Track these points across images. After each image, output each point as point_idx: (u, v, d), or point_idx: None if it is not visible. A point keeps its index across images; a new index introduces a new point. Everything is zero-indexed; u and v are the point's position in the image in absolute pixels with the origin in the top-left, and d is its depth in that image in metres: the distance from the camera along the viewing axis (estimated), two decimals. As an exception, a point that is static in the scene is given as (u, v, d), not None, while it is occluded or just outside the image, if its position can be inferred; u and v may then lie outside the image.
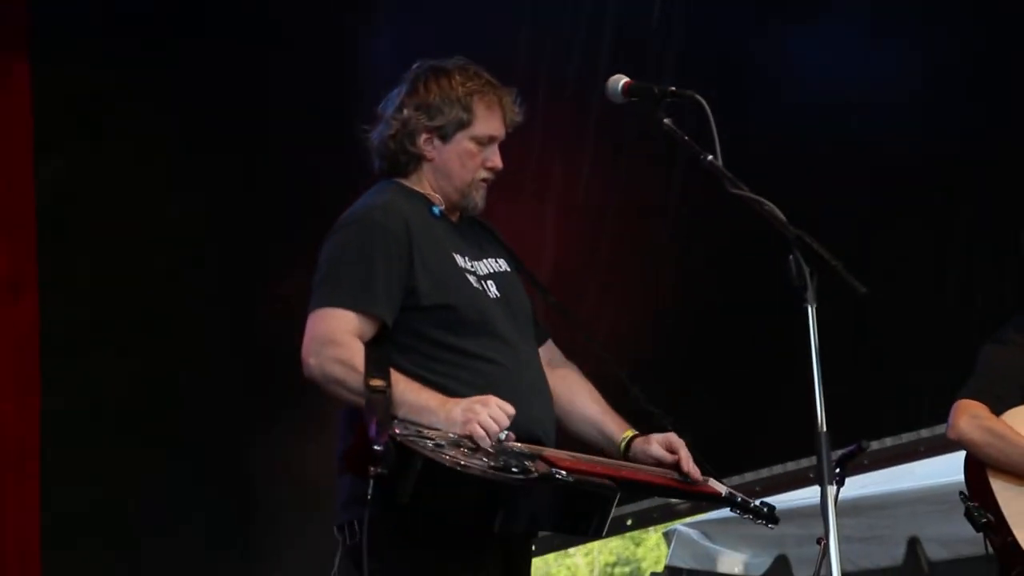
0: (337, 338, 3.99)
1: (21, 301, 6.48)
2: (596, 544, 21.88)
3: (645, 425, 4.41)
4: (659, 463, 4.28)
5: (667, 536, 9.23)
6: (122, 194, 6.72)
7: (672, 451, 4.26)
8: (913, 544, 8.19)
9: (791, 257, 3.69)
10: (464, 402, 3.94)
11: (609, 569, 24.39)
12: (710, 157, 3.94)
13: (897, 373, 6.88)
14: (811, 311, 3.66)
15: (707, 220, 6.79)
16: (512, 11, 7.04)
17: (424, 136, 4.24)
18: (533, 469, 3.88)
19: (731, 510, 4.42)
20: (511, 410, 3.93)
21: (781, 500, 8.01)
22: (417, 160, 4.26)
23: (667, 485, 4.28)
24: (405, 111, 4.24)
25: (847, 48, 6.80)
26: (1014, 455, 5.09)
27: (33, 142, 6.54)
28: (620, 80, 4.21)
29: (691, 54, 6.91)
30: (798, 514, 8.05)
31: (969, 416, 5.14)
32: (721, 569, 9.09)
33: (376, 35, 6.90)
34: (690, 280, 7.13)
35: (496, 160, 4.29)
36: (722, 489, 4.35)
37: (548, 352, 4.47)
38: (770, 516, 4.39)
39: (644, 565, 22.44)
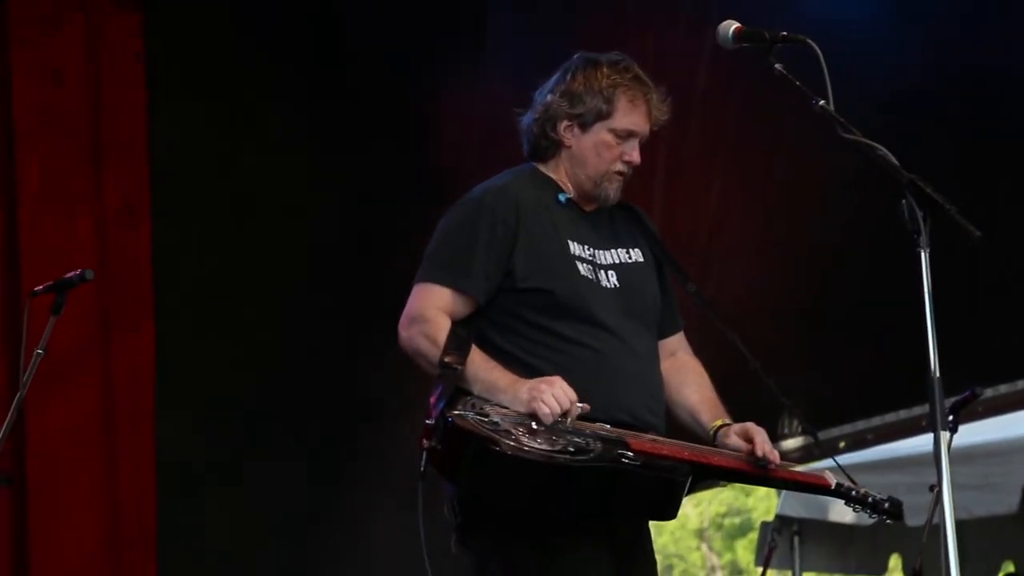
0: (427, 314, 4.12)
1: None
2: (707, 494, 21.88)
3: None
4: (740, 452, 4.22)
5: (778, 485, 9.20)
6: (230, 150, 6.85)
7: (748, 439, 4.20)
8: (1028, 492, 8.13)
9: (904, 202, 3.66)
10: (531, 381, 3.99)
11: (719, 519, 24.40)
12: (822, 102, 3.91)
13: (1011, 319, 6.80)
14: (924, 256, 3.62)
15: (820, 163, 6.74)
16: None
17: (564, 123, 4.30)
18: (595, 449, 3.90)
19: (846, 504, 4.25)
20: (574, 395, 3.96)
21: (894, 448, 8.02)
22: (556, 146, 4.33)
23: (747, 471, 4.17)
24: (550, 97, 4.32)
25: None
26: None
27: (146, 98, 6.66)
28: (731, 25, 4.17)
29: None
30: (910, 462, 8.02)
31: None
32: (832, 518, 9.07)
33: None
34: (801, 226, 7.08)
35: (634, 155, 4.31)
36: (832, 480, 4.22)
37: (676, 343, 4.48)
38: (892, 512, 4.27)
39: (755, 515, 22.44)
